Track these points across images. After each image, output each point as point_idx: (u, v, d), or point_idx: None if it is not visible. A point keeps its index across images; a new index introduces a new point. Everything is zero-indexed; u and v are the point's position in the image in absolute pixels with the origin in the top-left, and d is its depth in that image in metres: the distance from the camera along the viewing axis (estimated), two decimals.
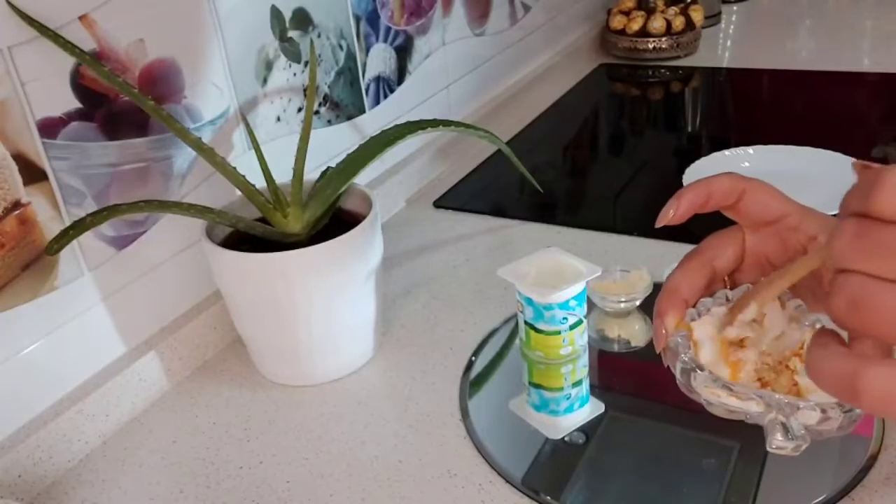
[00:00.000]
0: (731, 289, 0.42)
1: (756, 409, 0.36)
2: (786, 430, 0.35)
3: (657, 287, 0.72)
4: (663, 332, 0.41)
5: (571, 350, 0.69)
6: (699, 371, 0.37)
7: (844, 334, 0.30)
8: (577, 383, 0.68)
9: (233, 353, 0.77)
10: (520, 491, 0.58)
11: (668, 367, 0.40)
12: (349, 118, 0.96)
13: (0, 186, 0.59)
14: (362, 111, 0.98)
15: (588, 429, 0.63)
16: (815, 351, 0.30)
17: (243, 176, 0.67)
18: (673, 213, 0.41)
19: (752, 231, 0.43)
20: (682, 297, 0.41)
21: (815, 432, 0.36)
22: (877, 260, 0.27)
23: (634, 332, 0.74)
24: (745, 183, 0.42)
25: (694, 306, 0.41)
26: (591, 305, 0.73)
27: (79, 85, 0.63)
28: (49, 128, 0.61)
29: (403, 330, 0.78)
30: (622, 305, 0.74)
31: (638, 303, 0.74)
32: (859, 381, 0.28)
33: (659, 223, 0.42)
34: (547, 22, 1.44)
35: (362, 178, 0.78)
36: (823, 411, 0.35)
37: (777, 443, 0.35)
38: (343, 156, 0.73)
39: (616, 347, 0.74)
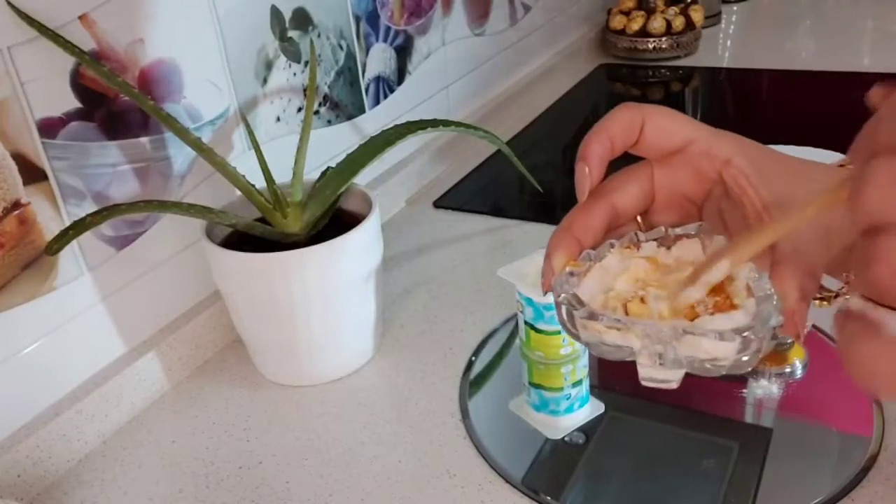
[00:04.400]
0: (645, 231, 0.37)
1: (638, 342, 0.31)
2: (658, 357, 0.30)
3: None
4: (550, 272, 0.36)
5: (571, 350, 0.69)
6: (577, 307, 0.33)
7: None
8: (577, 383, 0.68)
9: (233, 353, 0.77)
10: (520, 491, 0.58)
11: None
12: (349, 118, 0.96)
13: (0, 186, 0.59)
14: (362, 111, 0.98)
15: (588, 429, 0.63)
16: (858, 343, 0.22)
17: (243, 176, 0.67)
18: (588, 176, 0.37)
19: (660, 165, 0.39)
20: (573, 236, 0.37)
21: (702, 367, 0.31)
22: None
23: None
24: (642, 111, 0.38)
25: (594, 248, 0.37)
26: None
27: (79, 85, 0.63)
28: (49, 128, 0.61)
29: (403, 330, 0.78)
30: None
31: None
32: None
33: (582, 195, 0.37)
34: (547, 22, 1.44)
35: (362, 178, 0.78)
36: (720, 336, 0.30)
37: (643, 371, 0.31)
38: (343, 156, 0.73)
39: None
